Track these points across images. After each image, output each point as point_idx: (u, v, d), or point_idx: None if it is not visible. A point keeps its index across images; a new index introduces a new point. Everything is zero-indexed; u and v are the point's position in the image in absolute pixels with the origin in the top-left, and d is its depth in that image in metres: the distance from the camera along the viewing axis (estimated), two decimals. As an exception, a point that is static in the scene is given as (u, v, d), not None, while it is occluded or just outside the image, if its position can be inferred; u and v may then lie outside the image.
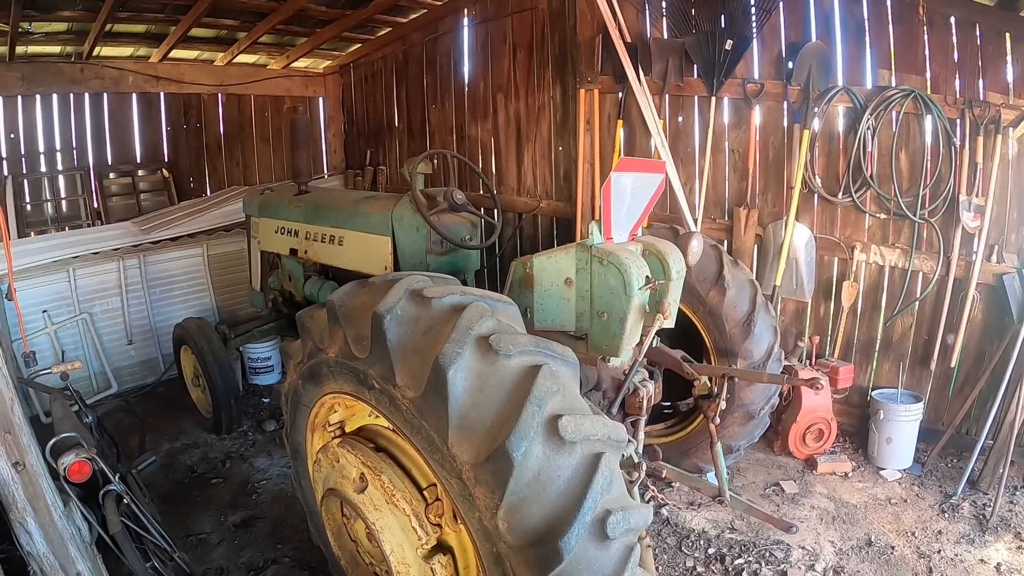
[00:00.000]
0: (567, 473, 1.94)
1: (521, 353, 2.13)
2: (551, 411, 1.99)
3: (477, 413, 2.02)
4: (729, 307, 4.02)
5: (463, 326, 2.15)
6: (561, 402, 2.06)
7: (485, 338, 2.13)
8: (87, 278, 5.67)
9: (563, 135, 6.25)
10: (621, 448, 2.16)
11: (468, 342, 2.10)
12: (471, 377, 2.07)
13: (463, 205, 4.04)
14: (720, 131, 5.41)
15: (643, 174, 3.45)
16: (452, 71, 7.14)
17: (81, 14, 5.39)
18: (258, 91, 7.61)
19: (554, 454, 1.95)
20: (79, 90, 6.53)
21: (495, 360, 2.09)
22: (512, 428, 1.92)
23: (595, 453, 1.99)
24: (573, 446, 1.97)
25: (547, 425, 1.96)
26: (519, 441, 1.90)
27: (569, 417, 1.98)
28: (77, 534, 3.09)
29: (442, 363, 2.04)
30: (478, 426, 2.01)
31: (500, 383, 2.06)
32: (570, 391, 2.17)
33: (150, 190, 6.97)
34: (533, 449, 1.93)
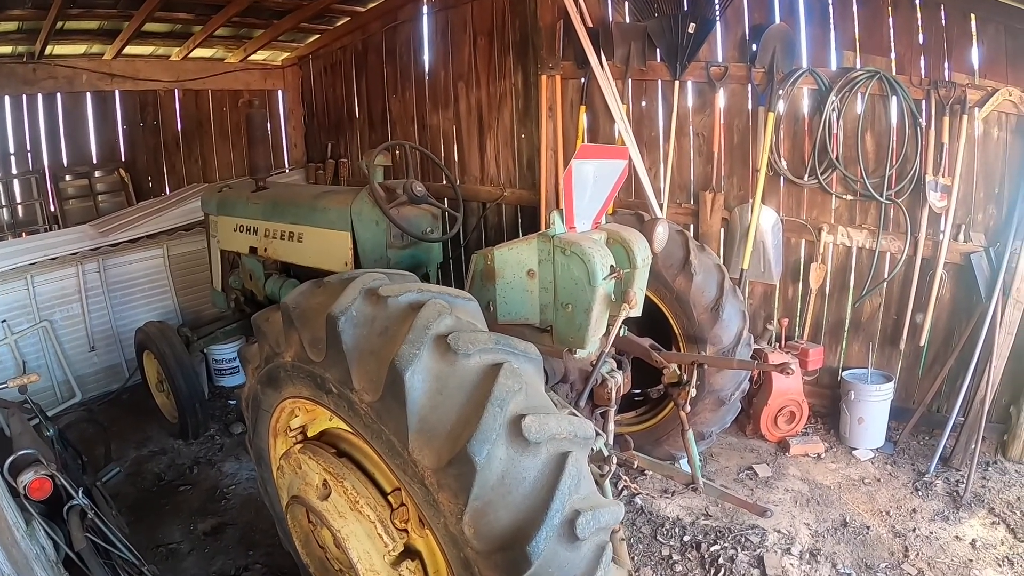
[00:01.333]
0: (533, 475, 1.88)
1: (481, 351, 2.05)
2: (514, 411, 1.92)
3: (437, 416, 1.95)
4: (696, 293, 3.99)
5: (420, 325, 2.06)
6: (524, 401, 1.99)
7: (443, 337, 2.05)
8: (46, 285, 5.46)
9: (525, 122, 6.16)
10: (589, 445, 2.10)
11: (425, 342, 2.02)
12: (430, 379, 1.99)
13: (423, 197, 3.94)
14: (684, 115, 5.35)
15: (605, 160, 3.37)
16: (412, 60, 6.97)
17: (31, 12, 5.13)
18: (216, 86, 7.36)
19: (519, 455, 1.88)
20: (32, 91, 6.21)
21: (454, 360, 2.01)
22: (473, 431, 1.85)
23: (561, 452, 1.93)
24: (538, 446, 1.90)
25: (510, 426, 1.89)
26: (480, 444, 1.83)
27: (533, 417, 1.91)
28: (42, 553, 2.97)
29: (398, 365, 1.96)
30: (439, 430, 1.93)
31: (460, 384, 1.98)
32: (534, 389, 2.10)
33: (108, 191, 6.73)
34: (496, 452, 1.86)
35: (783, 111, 4.86)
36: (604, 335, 3.27)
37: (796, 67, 4.74)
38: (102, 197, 6.68)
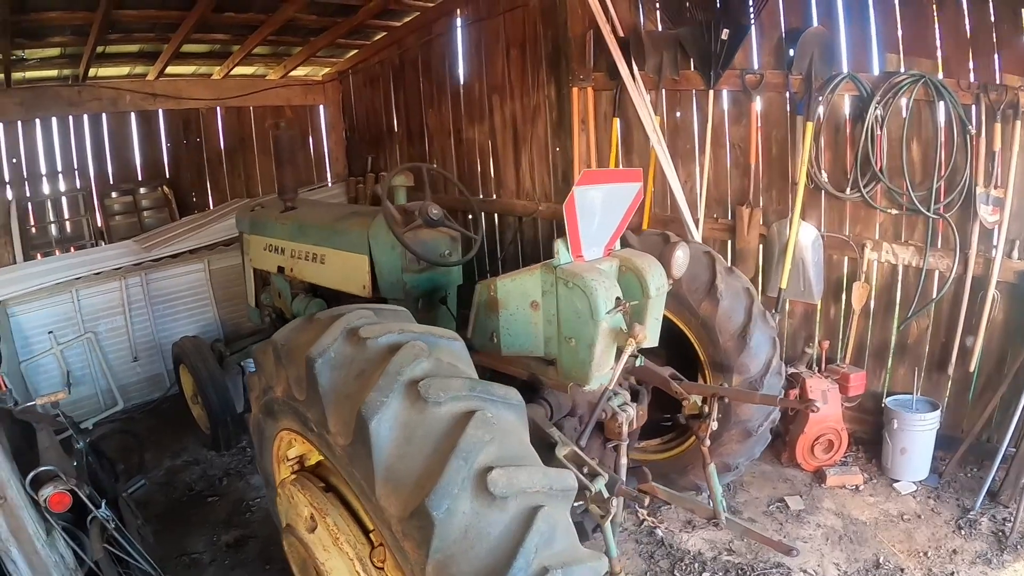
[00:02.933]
0: (498, 530, 1.81)
1: (453, 399, 2.00)
2: (482, 463, 1.86)
3: (404, 465, 1.91)
4: (723, 318, 3.77)
5: (392, 371, 2.03)
6: (496, 452, 1.92)
7: (415, 383, 2.01)
8: (91, 298, 5.72)
9: (560, 135, 6.07)
10: (568, 497, 2.01)
11: (396, 389, 2.00)
12: (398, 427, 1.96)
13: (439, 220, 3.90)
14: (720, 126, 5.16)
15: (615, 185, 3.25)
16: (447, 73, 7.01)
17: (71, 39, 5.43)
18: (257, 102, 7.60)
19: (484, 510, 1.81)
20: (77, 112, 6.58)
21: (424, 408, 1.97)
22: (434, 485, 1.80)
23: (531, 507, 1.85)
24: (505, 501, 1.83)
25: (476, 479, 1.83)
26: (440, 499, 1.78)
27: (500, 471, 1.84)
28: (61, 562, 3.15)
29: (364, 413, 1.94)
30: (405, 479, 1.90)
31: (428, 433, 1.94)
32: (511, 438, 2.02)
33: (152, 207, 7.03)
34: (459, 506, 1.80)
35: (822, 120, 4.62)
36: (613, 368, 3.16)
37: (835, 72, 4.49)
38: (147, 213, 6.99)
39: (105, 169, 6.98)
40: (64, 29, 5.21)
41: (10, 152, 6.46)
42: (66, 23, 5.06)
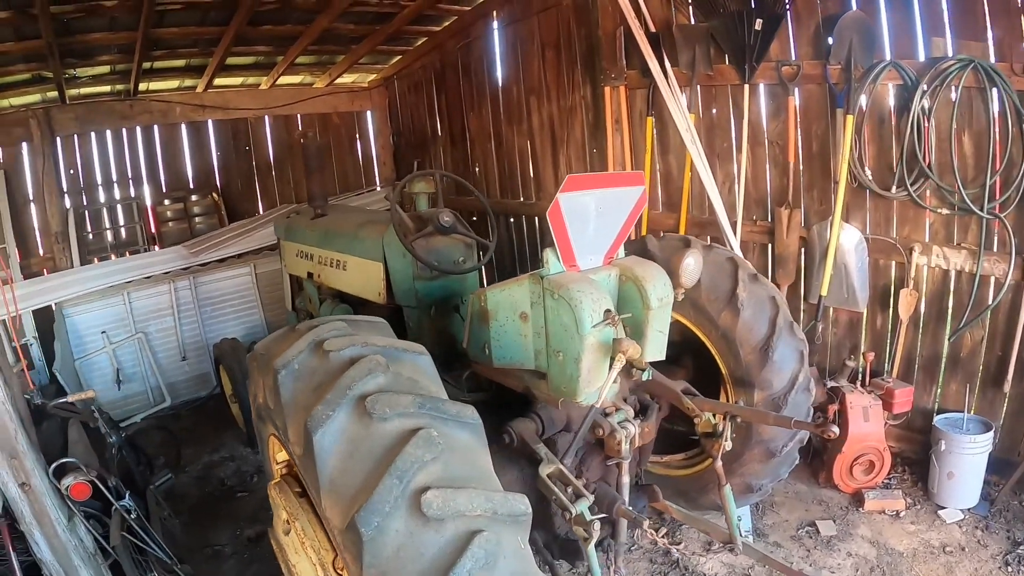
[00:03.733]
0: (433, 552, 1.79)
1: (400, 416, 2.01)
2: (420, 483, 1.85)
3: (345, 480, 1.94)
4: (744, 330, 3.56)
5: (342, 385, 2.08)
6: (437, 472, 1.90)
7: (364, 398, 2.03)
8: (142, 300, 6.11)
9: (596, 136, 5.96)
10: (518, 522, 1.96)
11: (344, 403, 2.03)
12: (343, 440, 1.99)
13: (451, 227, 3.91)
14: (757, 122, 4.93)
15: (612, 189, 3.11)
16: (486, 76, 7.04)
17: (118, 57, 5.84)
18: (304, 110, 7.90)
19: (420, 530, 1.80)
20: (130, 124, 7.05)
21: (369, 423, 1.99)
22: (365, 501, 1.81)
23: (469, 531, 1.81)
24: (441, 523, 1.81)
25: (411, 499, 1.83)
26: (369, 516, 1.79)
27: (437, 492, 1.82)
28: (80, 545, 3.41)
29: (309, 426, 1.99)
30: (344, 493, 1.92)
31: (371, 449, 1.96)
32: (458, 457, 2.00)
33: (202, 214, 7.42)
34: (391, 524, 1.80)
35: (865, 112, 4.33)
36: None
37: (877, 60, 4.19)
38: (198, 219, 7.39)
39: (157, 178, 7.45)
40: (111, 48, 5.60)
41: (67, 163, 6.97)
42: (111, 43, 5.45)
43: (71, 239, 6.33)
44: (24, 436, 3.24)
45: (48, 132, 6.36)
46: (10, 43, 5.14)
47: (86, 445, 4.05)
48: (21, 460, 3.15)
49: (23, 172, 6.64)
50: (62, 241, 6.32)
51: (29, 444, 3.26)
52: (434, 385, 2.30)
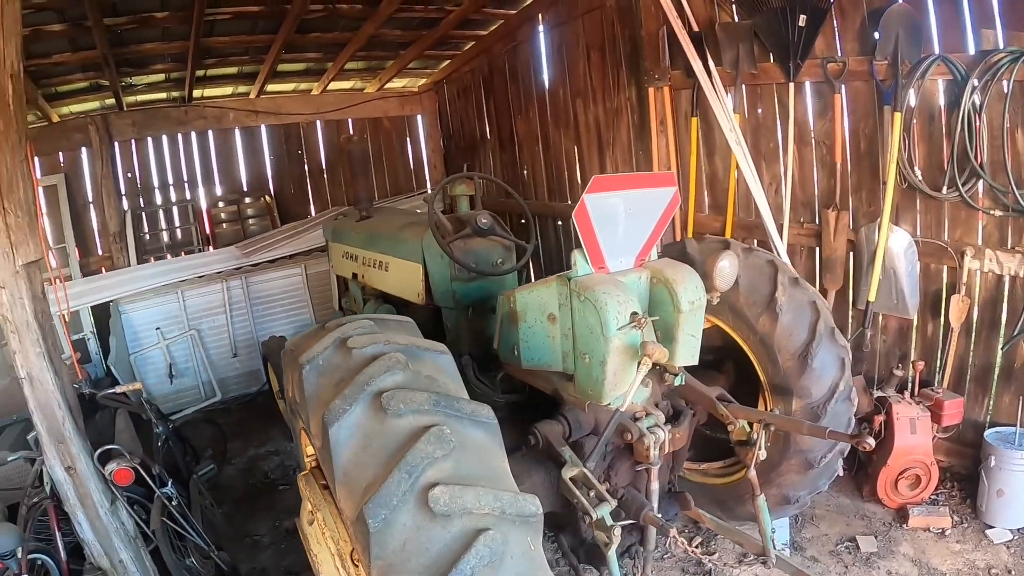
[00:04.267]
0: (438, 547, 1.84)
1: (415, 412, 2.08)
2: (429, 479, 1.91)
3: (358, 472, 2.01)
4: (782, 336, 3.51)
5: (360, 381, 2.17)
6: (448, 469, 1.96)
7: (381, 394, 2.12)
8: (195, 298, 6.48)
9: (642, 138, 5.96)
10: (528, 523, 1.98)
11: (361, 398, 2.12)
12: (358, 434, 2.07)
13: (490, 229, 4.01)
14: (803, 121, 4.87)
15: (642, 191, 3.14)
16: (533, 79, 7.16)
17: (172, 65, 6.26)
18: (355, 115, 8.23)
19: (427, 525, 1.86)
20: (185, 130, 7.53)
21: (384, 419, 2.07)
22: (373, 494, 1.89)
23: (475, 529, 1.86)
24: (448, 519, 1.86)
25: (419, 494, 1.89)
26: (377, 508, 1.86)
27: (444, 488, 1.87)
28: (121, 528, 3.65)
29: (325, 418, 2.09)
30: (356, 485, 2.00)
31: (384, 443, 2.03)
32: (471, 455, 2.06)
33: (255, 215, 7.83)
34: (398, 518, 1.87)
35: (913, 109, 4.22)
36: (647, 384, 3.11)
37: (924, 55, 4.09)
38: (251, 221, 7.80)
39: (212, 181, 7.92)
40: (164, 57, 6.02)
41: (125, 167, 7.48)
42: (164, 52, 5.85)
43: (128, 239, 6.80)
44: (71, 423, 3.50)
45: (106, 137, 6.87)
46: (67, 54, 5.56)
47: (132, 434, 4.35)
48: (68, 445, 3.44)
49: (83, 176, 7.16)
50: (120, 241, 6.80)
51: (76, 430, 3.52)
52: (453, 384, 2.36)
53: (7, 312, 3.29)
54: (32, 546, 3.68)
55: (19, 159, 3.29)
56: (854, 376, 4.52)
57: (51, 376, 3.42)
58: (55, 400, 3.43)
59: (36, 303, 3.42)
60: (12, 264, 3.26)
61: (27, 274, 3.35)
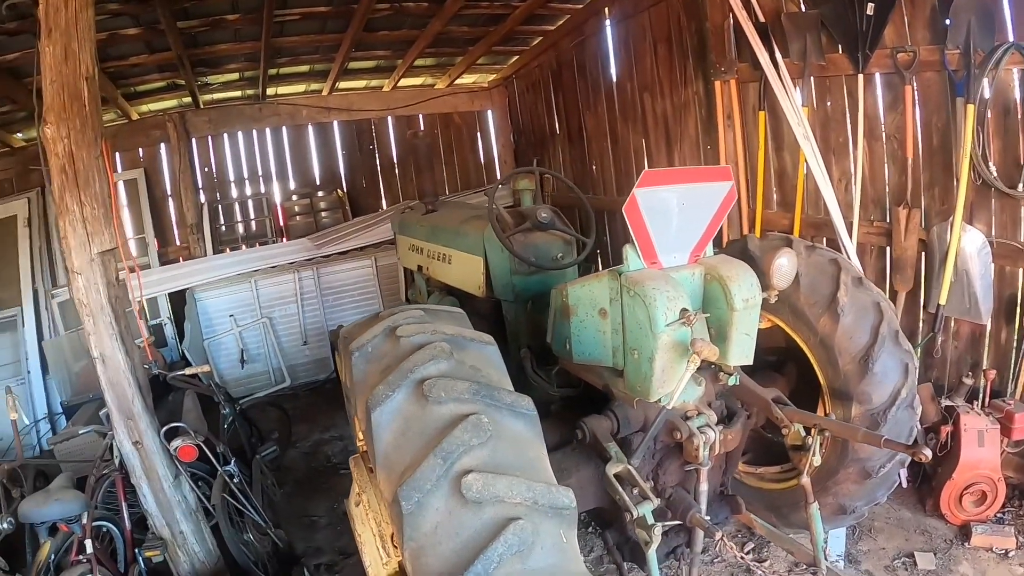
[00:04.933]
0: (469, 533, 1.94)
1: (455, 400, 2.19)
2: (464, 465, 2.02)
3: (398, 455, 2.14)
4: (843, 338, 3.46)
5: (405, 368, 2.30)
6: (483, 456, 2.05)
7: (423, 382, 2.24)
8: (267, 288, 6.94)
9: (710, 132, 5.96)
10: (561, 515, 2.06)
11: (404, 384, 2.25)
12: (399, 419, 2.20)
13: (549, 223, 4.09)
14: (873, 114, 4.75)
15: (695, 185, 3.20)
16: (600, 74, 7.25)
17: (245, 64, 6.73)
18: (426, 110, 8.55)
19: (459, 510, 1.96)
20: (260, 126, 8.09)
21: (425, 405, 2.19)
22: (408, 477, 2.01)
23: (506, 517, 1.94)
24: (479, 506, 1.95)
25: (453, 480, 1.99)
26: (410, 491, 1.97)
27: (478, 475, 1.97)
28: (183, 501, 4.01)
29: (369, 403, 2.25)
30: (394, 469, 2.13)
31: (423, 429, 2.15)
32: (508, 445, 2.15)
33: (328, 209, 8.30)
34: (431, 501, 1.97)
35: (988, 101, 4.06)
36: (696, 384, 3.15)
37: (998, 43, 3.91)
38: (324, 214, 8.27)
39: (286, 175, 8.46)
40: (238, 57, 6.49)
41: (202, 162, 8.08)
42: (237, 52, 6.31)
43: (205, 231, 7.38)
44: (140, 400, 3.83)
45: (184, 134, 7.47)
46: (144, 55, 6.07)
47: (198, 414, 4.73)
48: (136, 421, 3.79)
49: (162, 170, 7.80)
50: (196, 232, 7.38)
51: (144, 408, 3.85)
52: (497, 374, 2.46)
53: (83, 296, 3.63)
54: (98, 514, 4.05)
55: (95, 156, 3.61)
56: (922, 383, 4.44)
57: (122, 357, 3.75)
58: (125, 379, 3.76)
59: (110, 288, 3.75)
60: (88, 252, 3.60)
61: (102, 261, 3.68)
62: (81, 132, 3.51)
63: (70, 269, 3.66)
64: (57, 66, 3.43)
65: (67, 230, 3.57)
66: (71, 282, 3.69)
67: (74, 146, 3.50)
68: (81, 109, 3.51)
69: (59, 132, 3.46)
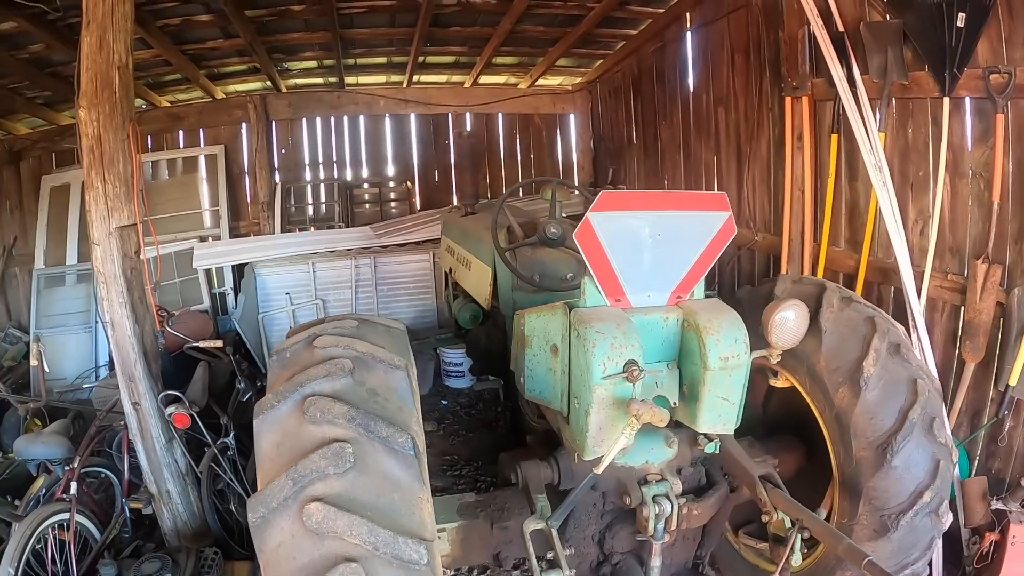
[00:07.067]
0: (305, 561, 1.84)
1: (329, 423, 2.05)
2: (315, 492, 1.90)
3: (268, 466, 2.05)
4: (861, 417, 2.76)
5: (297, 380, 2.18)
6: (338, 488, 1.91)
7: (307, 398, 2.12)
8: (325, 271, 6.84)
9: (782, 154, 5.22)
10: (406, 567, 1.86)
11: (291, 397, 2.14)
12: (278, 430, 2.10)
13: (559, 240, 3.69)
14: (959, 146, 3.86)
15: (677, 213, 2.68)
16: (678, 83, 6.58)
17: (321, 53, 6.70)
18: (505, 109, 8.23)
19: (301, 535, 1.86)
20: (338, 113, 8.07)
21: (302, 422, 2.08)
22: (260, 491, 1.94)
23: (341, 555, 1.81)
24: (319, 537, 1.84)
25: (300, 504, 1.89)
26: (257, 505, 1.91)
27: (321, 506, 1.85)
28: (173, 463, 4.10)
29: (255, 409, 2.16)
30: (263, 479, 2.04)
31: (292, 446, 2.04)
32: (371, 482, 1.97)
33: (396, 199, 8.18)
34: (276, 520, 1.88)
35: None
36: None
37: (1115, 69, 3.01)
38: (392, 204, 8.17)
39: (359, 163, 8.42)
40: (312, 46, 6.47)
41: (280, 144, 8.16)
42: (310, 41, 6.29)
43: (276, 209, 7.47)
44: (143, 365, 3.91)
45: (264, 116, 7.61)
46: (220, 40, 6.14)
47: (204, 385, 4.67)
48: (136, 384, 3.88)
49: (241, 149, 7.96)
50: (267, 210, 7.49)
51: (146, 372, 3.93)
52: (398, 401, 2.24)
53: (100, 265, 3.74)
54: (99, 461, 4.33)
55: (121, 139, 3.73)
56: (979, 474, 3.61)
57: (129, 324, 3.86)
58: (130, 344, 3.88)
59: (125, 260, 3.86)
60: (107, 226, 3.71)
61: (119, 235, 3.80)
62: (110, 116, 3.61)
63: (90, 240, 3.78)
64: (92, 55, 3.53)
65: (91, 204, 3.69)
66: (91, 251, 3.80)
67: (102, 129, 3.61)
68: (111, 95, 3.61)
69: (90, 115, 3.57)
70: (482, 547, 3.01)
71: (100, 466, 4.34)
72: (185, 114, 7.98)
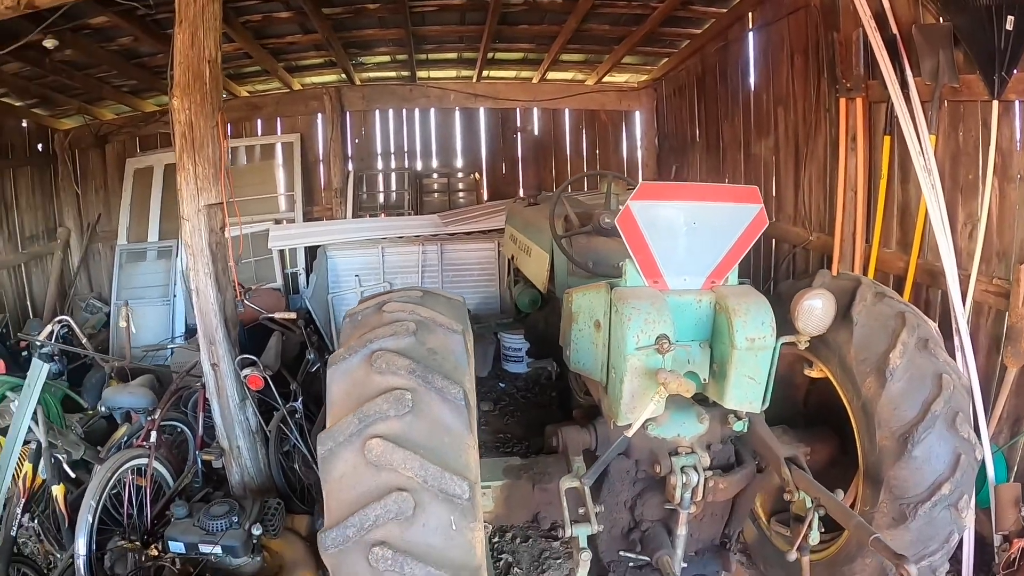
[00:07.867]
0: (363, 489, 2.09)
1: (393, 374, 2.28)
2: (376, 431, 2.13)
3: (336, 410, 2.30)
4: (886, 407, 2.83)
5: (367, 337, 2.42)
6: (396, 428, 2.15)
7: (374, 353, 2.36)
8: (393, 256, 7.19)
9: (838, 155, 5.20)
10: (451, 503, 2.09)
11: (360, 352, 2.37)
12: (348, 380, 2.34)
13: (611, 229, 3.79)
14: (1008, 149, 3.81)
15: (711, 204, 2.85)
16: (740, 82, 6.59)
17: (394, 48, 7.04)
18: (572, 105, 8.38)
19: (362, 467, 2.11)
20: (409, 106, 8.43)
21: (369, 372, 2.32)
22: (329, 428, 2.20)
23: (396, 485, 2.05)
24: (377, 469, 2.08)
25: (363, 440, 2.12)
26: (326, 439, 2.16)
27: (381, 442, 2.09)
28: (245, 422, 4.46)
29: (329, 360, 2.43)
30: (332, 420, 2.29)
31: (360, 393, 2.28)
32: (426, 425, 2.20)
33: (464, 190, 8.47)
34: (341, 453, 2.14)
35: None
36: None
37: None
38: (460, 194, 8.47)
39: (430, 153, 8.77)
40: (385, 42, 6.81)
41: (353, 134, 8.60)
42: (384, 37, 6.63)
43: (348, 196, 7.90)
44: (224, 330, 4.28)
45: (339, 107, 8.02)
46: (298, 35, 6.54)
47: (277, 352, 5.09)
48: (216, 347, 4.25)
49: (316, 137, 8.41)
50: (340, 197, 7.93)
51: (225, 337, 4.29)
52: (452, 360, 2.47)
53: (188, 239, 4.12)
54: (176, 416, 4.74)
55: (211, 125, 4.05)
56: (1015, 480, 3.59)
57: (213, 292, 4.20)
58: (212, 311, 4.22)
59: (211, 235, 4.19)
60: (196, 204, 4.06)
61: (207, 212, 4.12)
62: (200, 106, 3.94)
63: (180, 216, 4.14)
64: (184, 50, 3.85)
65: (181, 184, 4.04)
66: (181, 226, 4.17)
67: (193, 116, 3.94)
68: (202, 87, 3.93)
69: (182, 104, 3.90)
70: (523, 506, 3.26)
71: (177, 421, 4.76)
72: (263, 104, 8.47)
